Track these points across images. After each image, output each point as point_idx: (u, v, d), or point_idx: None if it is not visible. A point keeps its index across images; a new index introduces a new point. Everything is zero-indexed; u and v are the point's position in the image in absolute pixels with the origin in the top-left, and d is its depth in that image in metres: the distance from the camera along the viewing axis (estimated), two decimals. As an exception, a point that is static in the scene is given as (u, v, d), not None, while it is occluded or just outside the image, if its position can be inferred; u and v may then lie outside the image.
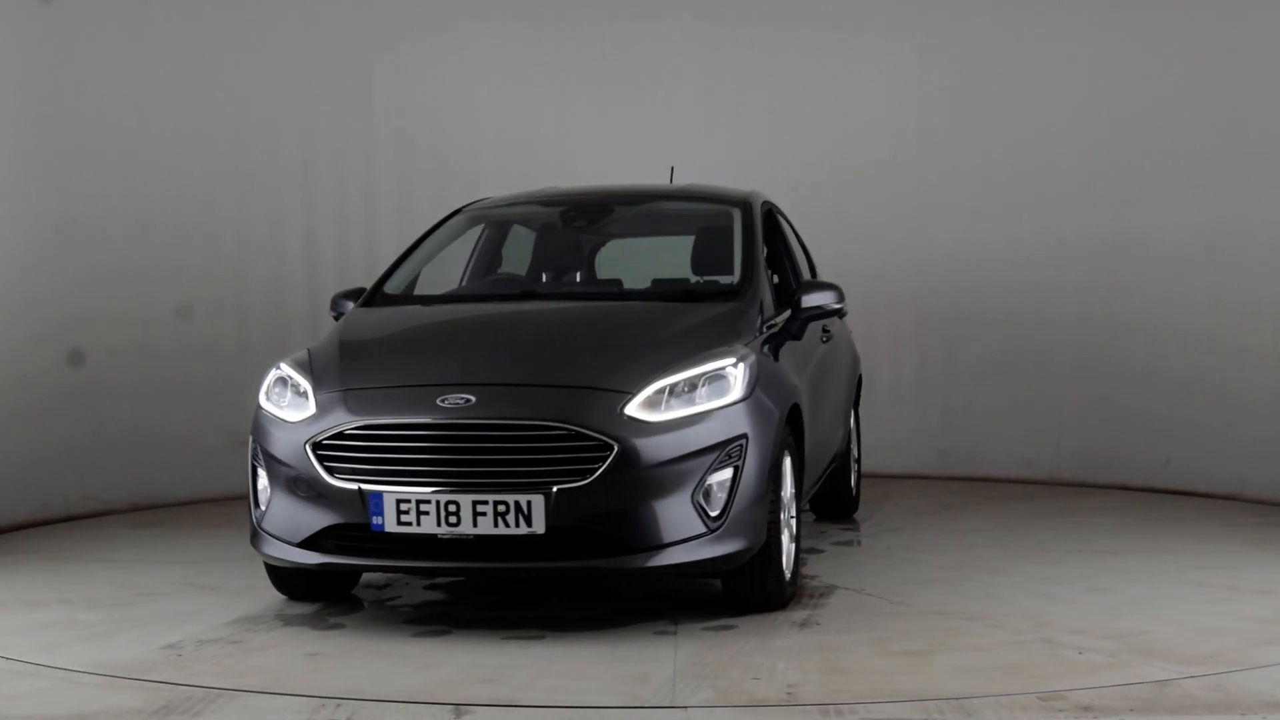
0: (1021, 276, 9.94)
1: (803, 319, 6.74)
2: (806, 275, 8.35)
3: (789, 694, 4.78)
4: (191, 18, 9.35)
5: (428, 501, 5.46)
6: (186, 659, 5.34)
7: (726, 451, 5.63)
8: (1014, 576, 6.71)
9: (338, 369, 5.92)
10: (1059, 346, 9.91)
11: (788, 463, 6.14)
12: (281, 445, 5.76)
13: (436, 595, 6.46)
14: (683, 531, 5.53)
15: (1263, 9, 9.01)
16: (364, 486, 5.55)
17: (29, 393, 8.50)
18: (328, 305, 7.07)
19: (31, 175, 8.63)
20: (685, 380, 5.68)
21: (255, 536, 5.92)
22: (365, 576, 6.57)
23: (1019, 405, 10.15)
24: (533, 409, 5.52)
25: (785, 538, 6.07)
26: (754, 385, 5.80)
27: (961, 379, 9.84)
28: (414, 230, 7.80)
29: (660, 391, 5.61)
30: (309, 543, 5.69)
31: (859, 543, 7.82)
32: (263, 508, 5.87)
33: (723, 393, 5.70)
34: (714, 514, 5.58)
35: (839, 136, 10.30)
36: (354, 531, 5.60)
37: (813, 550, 7.50)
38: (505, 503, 5.42)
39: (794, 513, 6.26)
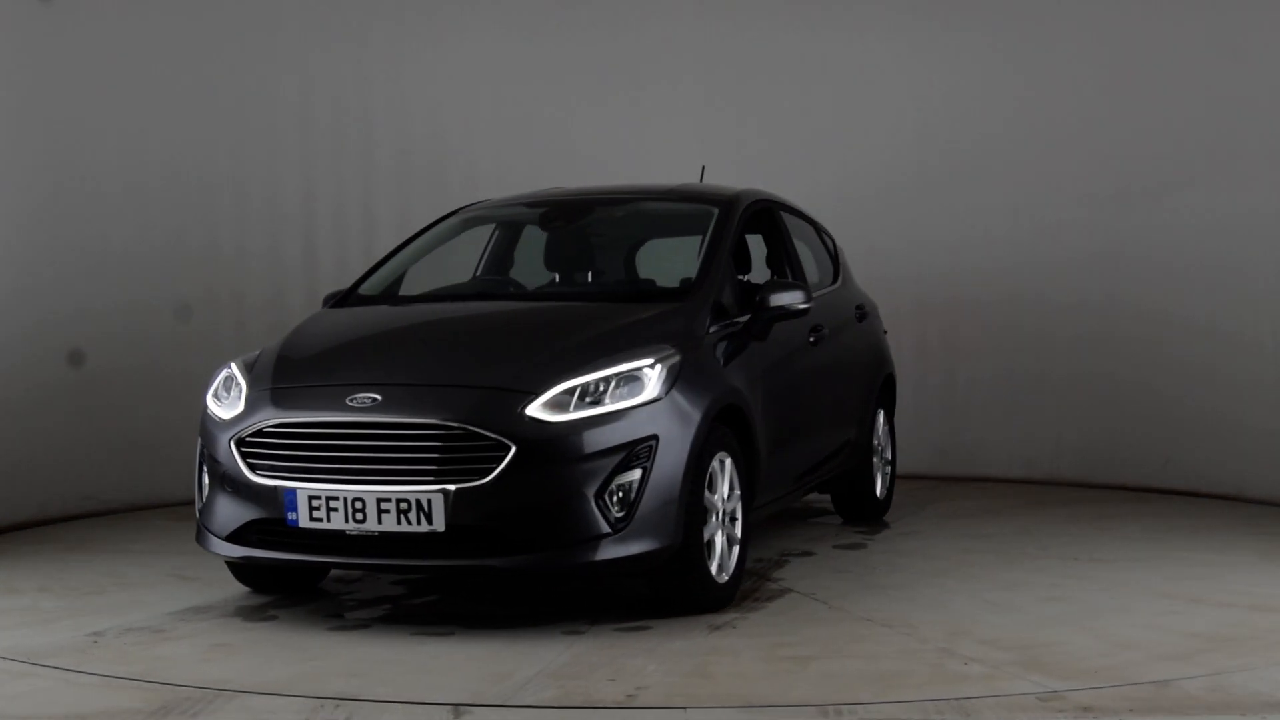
0: (1021, 277, 9.86)
1: (764, 319, 6.68)
2: (826, 274, 8.31)
3: (628, 696, 4.76)
4: (191, 18, 9.38)
5: (336, 498, 5.59)
6: (99, 646, 5.56)
7: (634, 452, 5.62)
8: (982, 584, 6.56)
9: (271, 368, 6.09)
10: (1058, 346, 9.90)
11: (728, 464, 6.11)
12: (214, 442, 5.96)
13: (398, 590, 6.57)
14: (583, 532, 5.54)
15: (1263, 9, 8.92)
16: (280, 483, 5.70)
17: (28, 393, 8.54)
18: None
19: (31, 175, 8.65)
20: (595, 381, 5.69)
21: (197, 531, 6.12)
22: (338, 570, 6.69)
23: (1019, 405, 10.07)
24: (432, 409, 5.59)
25: (720, 539, 6.03)
26: (671, 386, 5.78)
27: (961, 379, 9.67)
28: (412, 230, 7.90)
29: (568, 392, 5.63)
30: (234, 536, 5.87)
31: (864, 545, 7.70)
32: (202, 502, 6.06)
33: (635, 394, 5.70)
34: (618, 515, 5.58)
35: (839, 137, 10.32)
36: (273, 526, 5.76)
37: (806, 554, 7.43)
38: (407, 500, 5.51)
39: (740, 514, 6.21)
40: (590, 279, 7.24)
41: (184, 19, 9.35)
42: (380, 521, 5.55)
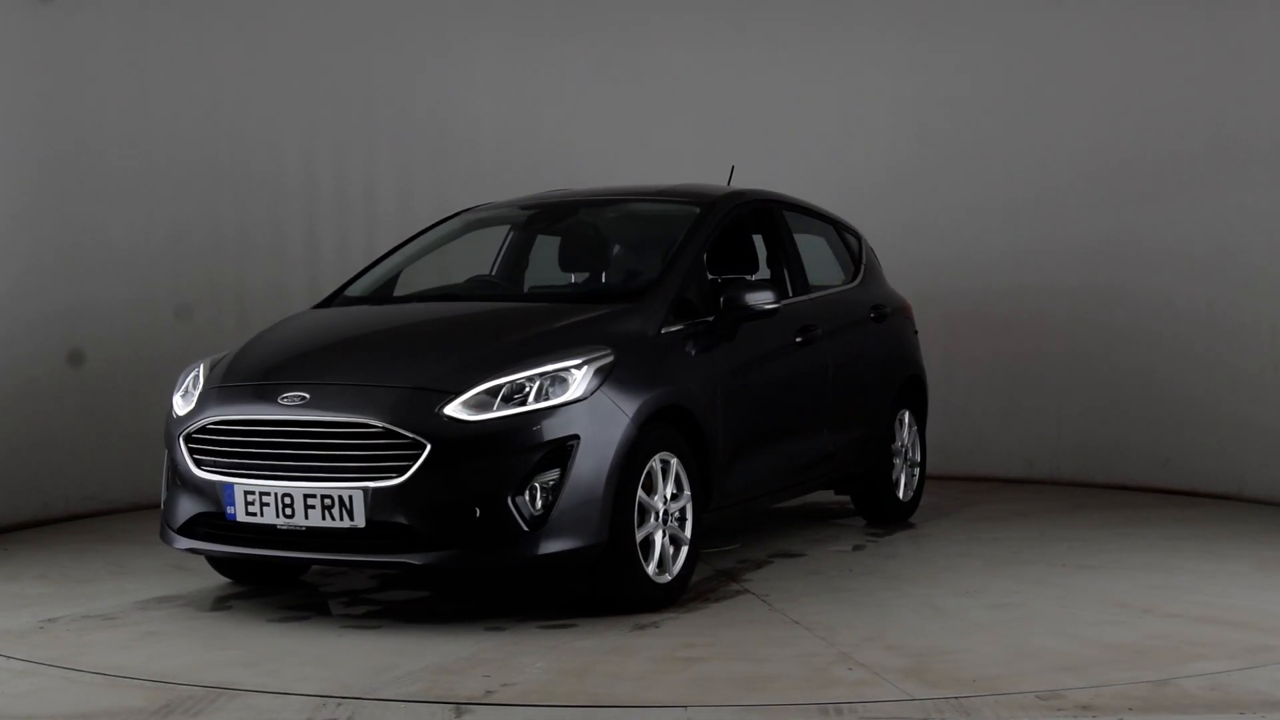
0: (1021, 277, 9.77)
1: (729, 319, 6.68)
2: (842, 273, 8.26)
3: (487, 693, 4.83)
4: (192, 18, 9.39)
5: (268, 494, 5.78)
6: (42, 632, 5.83)
7: (554, 452, 5.69)
8: (942, 590, 6.48)
9: (227, 366, 6.30)
10: (1058, 346, 9.88)
11: (674, 465, 6.13)
12: (170, 438, 6.20)
13: (368, 585, 6.73)
14: (498, 530, 5.62)
15: (1263, 11, 8.91)
16: (220, 478, 5.91)
17: (29, 392, 8.56)
18: (323, 307, 7.39)
19: (31, 175, 8.66)
20: (519, 381, 5.76)
21: (160, 525, 6.35)
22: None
23: (1019, 405, 9.95)
24: (355, 408, 5.73)
25: (661, 540, 6.06)
26: (599, 387, 5.82)
27: (961, 379, 9.50)
28: (415, 227, 8.03)
29: (489, 392, 5.71)
30: (184, 529, 6.10)
31: (864, 548, 7.63)
32: (164, 495, 6.30)
33: (559, 394, 5.76)
34: (536, 514, 5.65)
35: (838, 136, 10.28)
36: (216, 520, 5.97)
37: (796, 555, 7.39)
38: (330, 497, 5.67)
39: (689, 515, 6.23)
40: (564, 281, 7.31)
41: (185, 16, 9.37)
42: (307, 517, 5.72)
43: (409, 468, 5.59)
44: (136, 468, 8.75)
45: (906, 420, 8.48)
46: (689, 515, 6.27)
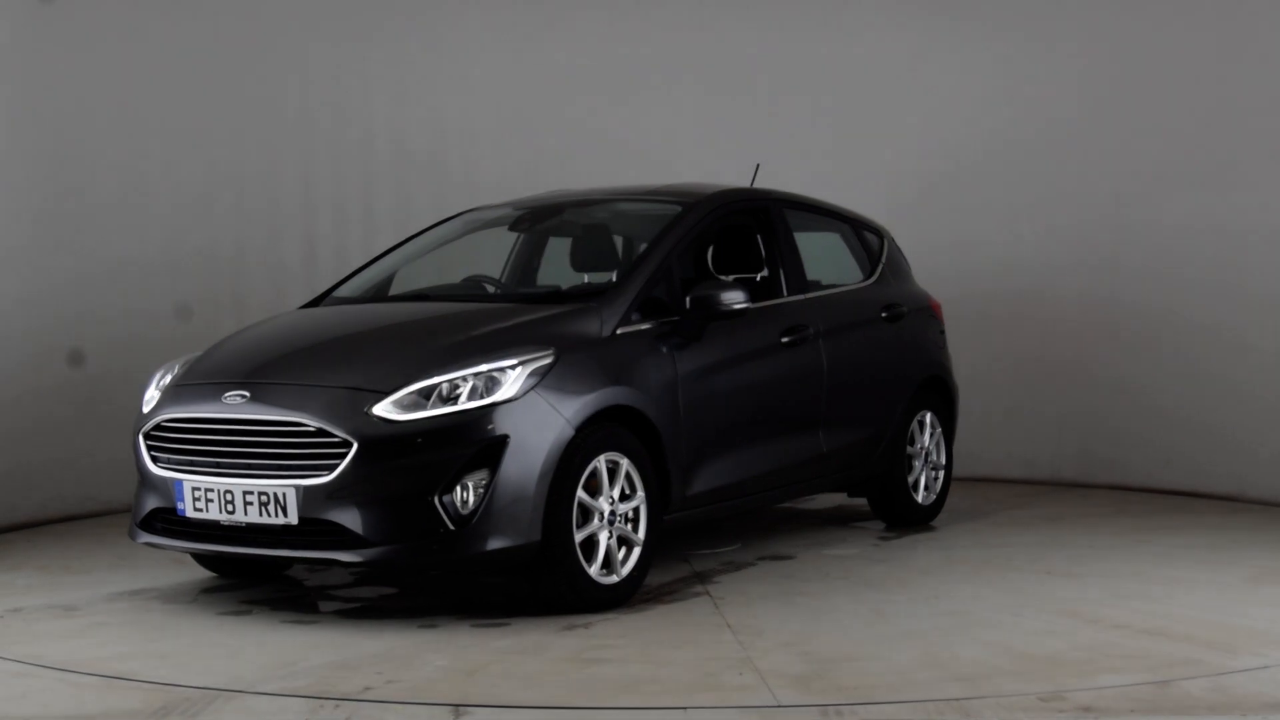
0: (1021, 276, 9.62)
1: (693, 320, 6.64)
2: (854, 272, 8.15)
3: (366, 689, 4.89)
4: (191, 19, 9.41)
5: (212, 490, 5.93)
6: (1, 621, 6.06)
7: (483, 451, 5.73)
8: (898, 596, 6.37)
9: (191, 365, 6.47)
10: (1059, 347, 9.83)
11: (623, 466, 6.13)
12: (134, 434, 6.37)
13: (343, 580, 6.84)
14: (424, 528, 5.69)
15: (1263, 9, 8.88)
16: (171, 474, 6.08)
17: (28, 392, 8.58)
18: (323, 306, 7.50)
19: (31, 175, 8.67)
20: (451, 381, 5.81)
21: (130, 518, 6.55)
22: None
23: (1019, 405, 9.79)
24: (287, 407, 5.85)
25: (607, 541, 6.06)
26: (533, 387, 5.85)
27: (961, 379, 9.16)
28: (413, 230, 8.10)
29: (420, 392, 5.78)
30: (144, 524, 6.27)
31: (857, 551, 7.50)
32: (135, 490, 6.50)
33: (490, 394, 5.80)
34: (464, 512, 5.70)
35: (838, 135, 10.18)
36: (169, 515, 6.14)
37: (785, 558, 7.32)
38: (267, 494, 5.80)
39: (643, 516, 6.22)
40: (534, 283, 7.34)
41: (184, 20, 9.40)
42: (246, 513, 5.85)
43: (338, 466, 5.68)
44: (134, 469, 8.72)
45: (928, 422, 8.33)
46: (643, 516, 6.25)
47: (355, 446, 5.68)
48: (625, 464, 6.17)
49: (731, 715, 4.57)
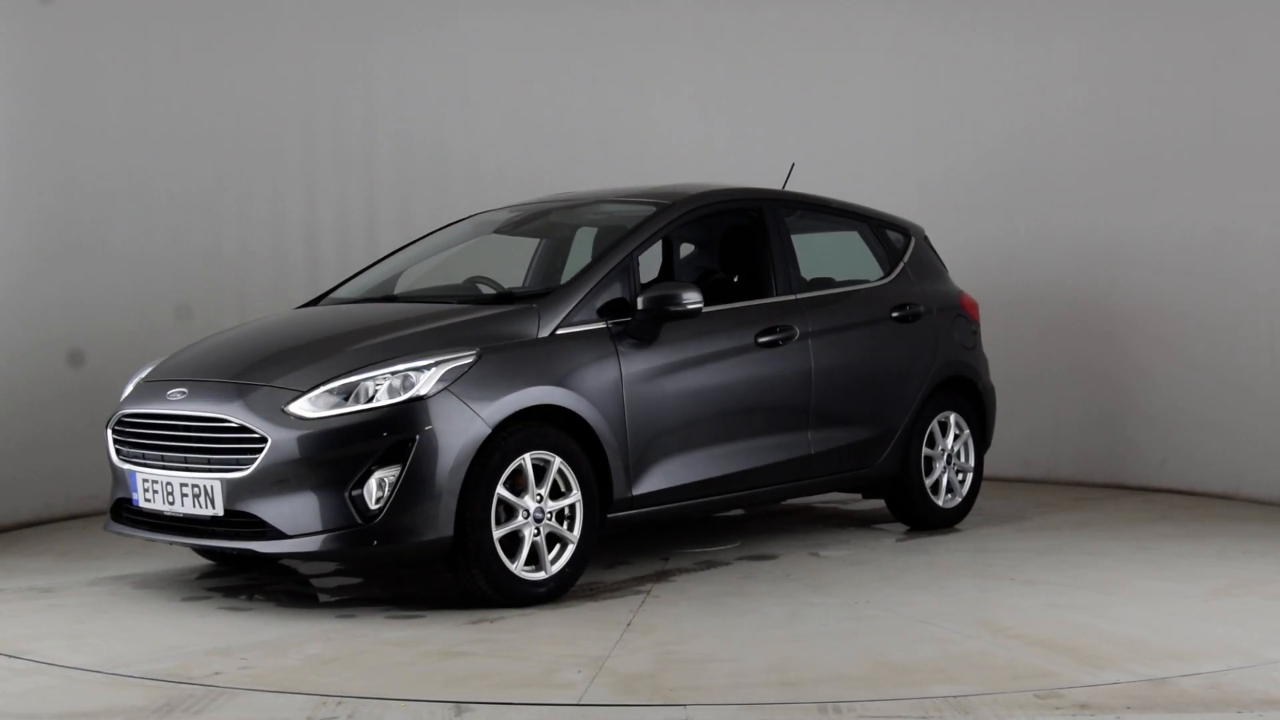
0: (1018, 276, 9.43)
1: (647, 320, 6.69)
2: (869, 271, 8.08)
3: (215, 674, 5.12)
4: (192, 18, 9.42)
5: (157, 482, 6.28)
6: (-29, 601, 6.49)
7: (392, 448, 5.92)
8: (833, 600, 6.31)
9: (161, 363, 6.83)
10: (1057, 346, 9.82)
11: (555, 464, 6.24)
12: (105, 428, 6.76)
13: (323, 570, 7.10)
14: (334, 522, 5.91)
15: (1261, 9, 8.85)
16: (128, 466, 6.45)
17: (30, 392, 8.60)
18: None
19: (31, 175, 8.70)
20: (366, 380, 6.03)
21: None
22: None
23: (1016, 405, 9.56)
24: (216, 404, 6.15)
25: (532, 538, 6.18)
26: (448, 386, 6.01)
27: None
28: (414, 231, 8.24)
29: (335, 391, 6.01)
30: (112, 513, 6.66)
31: (843, 554, 7.42)
32: None
33: (403, 392, 5.99)
34: (374, 508, 5.91)
35: (836, 134, 10.12)
36: (129, 505, 6.50)
37: (768, 557, 7.30)
38: (198, 486, 6.12)
39: (577, 514, 6.33)
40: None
41: (186, 18, 9.41)
42: (182, 505, 6.18)
43: (255, 461, 5.96)
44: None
45: (952, 423, 8.18)
46: (579, 515, 6.34)
47: (269, 442, 5.94)
48: (557, 462, 6.27)
49: (732, 712, 4.63)
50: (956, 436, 8.22)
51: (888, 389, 7.85)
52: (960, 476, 8.25)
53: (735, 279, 7.65)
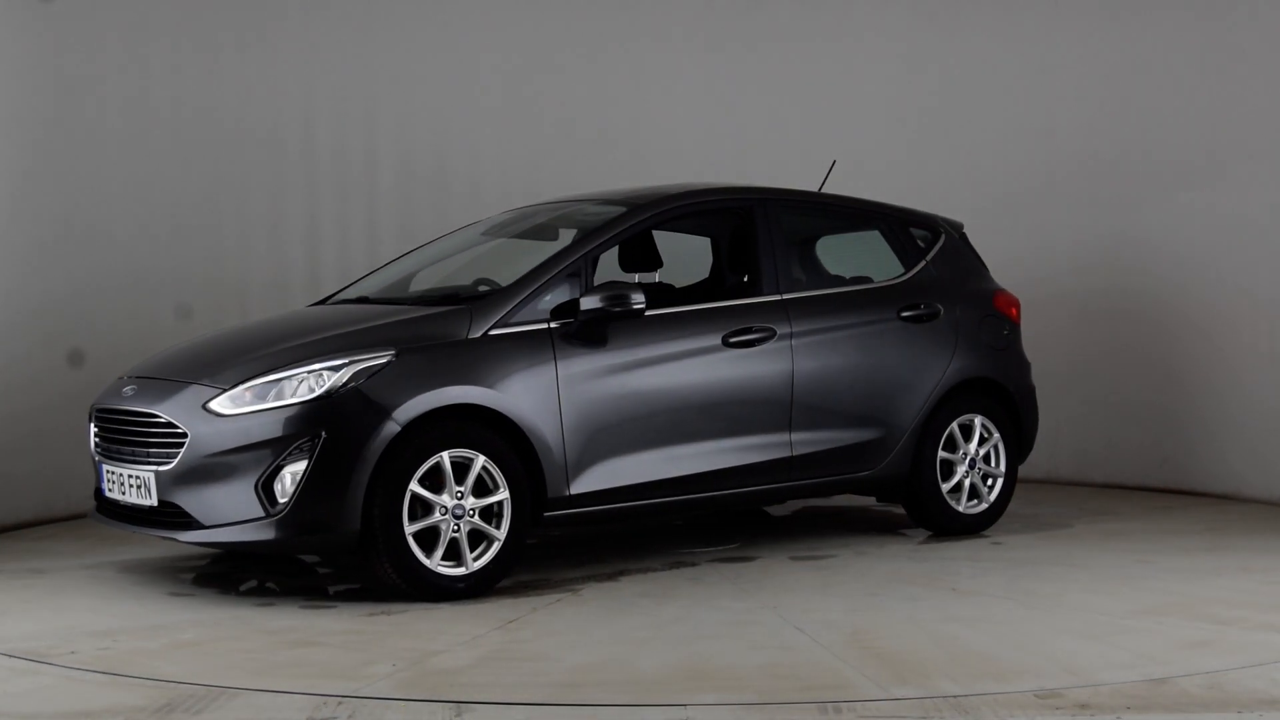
0: (1017, 276, 9.03)
1: (582, 320, 6.72)
2: (883, 270, 7.92)
3: (71, 653, 5.42)
4: (192, 19, 9.38)
5: (115, 474, 6.66)
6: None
7: (299, 445, 6.15)
8: (741, 605, 6.25)
9: (146, 359, 7.21)
10: (1056, 346, 9.65)
11: (478, 463, 6.35)
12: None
13: (337, 565, 7.34)
14: (242, 514, 6.20)
15: (1261, 10, 8.91)
16: (98, 458, 6.85)
17: (30, 392, 8.60)
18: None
19: (31, 175, 8.68)
20: (284, 378, 6.27)
21: None
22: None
23: None
24: (149, 400, 6.50)
25: (451, 535, 6.31)
26: (357, 385, 6.20)
27: None
28: (415, 232, 8.34)
29: (250, 389, 6.27)
30: (96, 502, 7.07)
31: (834, 557, 7.30)
32: None
33: (311, 391, 6.22)
34: (282, 501, 6.15)
35: (835, 134, 9.85)
36: (100, 494, 6.91)
37: (747, 560, 7.25)
38: (139, 478, 6.47)
39: (505, 512, 6.43)
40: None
41: (187, 18, 9.38)
42: (128, 495, 6.54)
43: (178, 454, 6.27)
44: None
45: (978, 426, 7.92)
46: (506, 513, 6.43)
47: (189, 437, 6.24)
48: (480, 460, 6.37)
49: (732, 711, 4.65)
50: (984, 440, 7.94)
51: (891, 390, 7.65)
52: (989, 482, 7.97)
53: (709, 279, 7.57)
